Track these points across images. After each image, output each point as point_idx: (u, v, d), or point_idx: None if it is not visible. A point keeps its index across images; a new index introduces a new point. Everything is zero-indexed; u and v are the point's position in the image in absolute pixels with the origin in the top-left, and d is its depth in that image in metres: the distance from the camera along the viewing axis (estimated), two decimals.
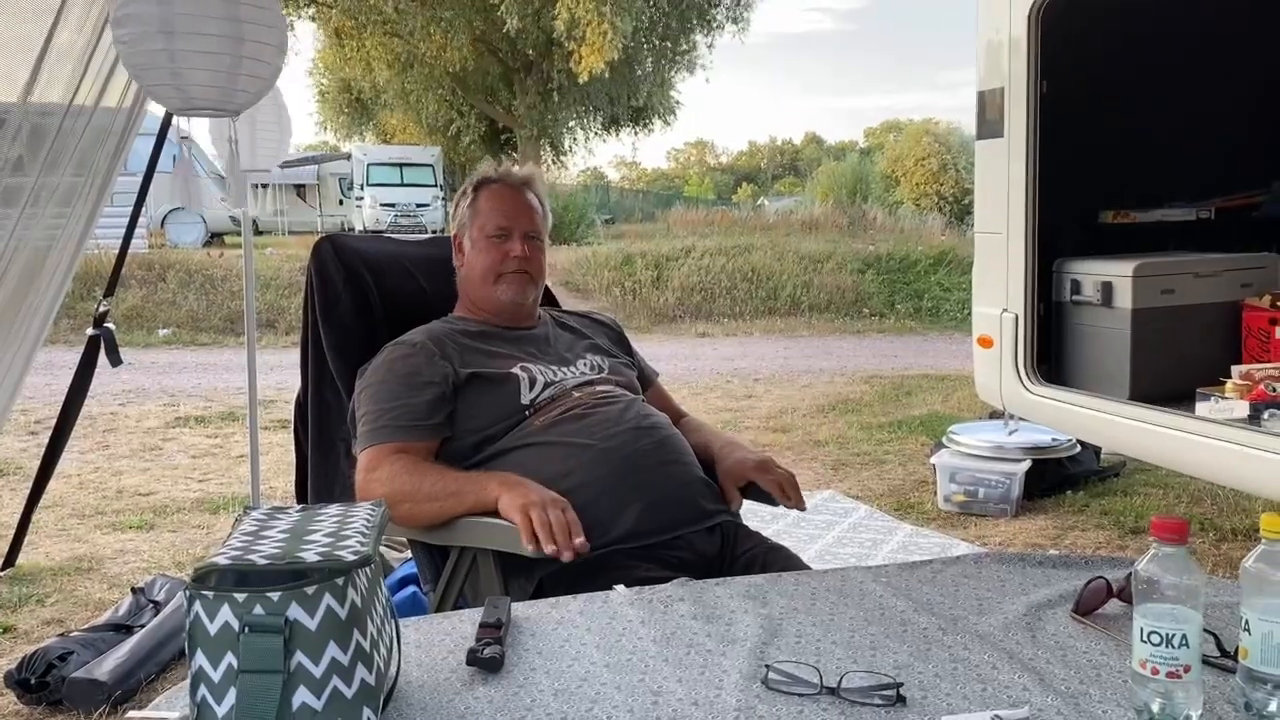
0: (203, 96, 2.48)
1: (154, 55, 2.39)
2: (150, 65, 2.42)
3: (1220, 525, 4.14)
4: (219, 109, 2.56)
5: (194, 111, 2.58)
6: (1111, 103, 3.65)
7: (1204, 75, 3.78)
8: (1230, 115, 3.85)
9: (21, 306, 2.93)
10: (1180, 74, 3.71)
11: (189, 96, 2.47)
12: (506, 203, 2.12)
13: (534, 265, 2.12)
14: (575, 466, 1.86)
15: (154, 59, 2.40)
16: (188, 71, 2.42)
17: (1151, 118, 3.69)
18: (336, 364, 2.13)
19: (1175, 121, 3.74)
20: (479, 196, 2.14)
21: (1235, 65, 3.82)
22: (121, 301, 11.16)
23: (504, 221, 2.10)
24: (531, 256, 2.11)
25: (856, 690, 1.12)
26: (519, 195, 2.14)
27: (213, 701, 0.97)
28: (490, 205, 2.12)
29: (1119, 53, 3.64)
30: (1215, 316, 3.55)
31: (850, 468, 5.42)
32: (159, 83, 2.45)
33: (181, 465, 5.60)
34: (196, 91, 2.45)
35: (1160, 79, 3.68)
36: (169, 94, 2.50)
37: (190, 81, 2.43)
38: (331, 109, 26.89)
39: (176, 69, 2.42)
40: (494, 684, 1.17)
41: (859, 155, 39.04)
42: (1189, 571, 1.07)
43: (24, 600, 3.48)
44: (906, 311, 13.23)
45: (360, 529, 1.10)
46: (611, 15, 16.60)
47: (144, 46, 2.39)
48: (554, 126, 22.77)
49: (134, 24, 2.39)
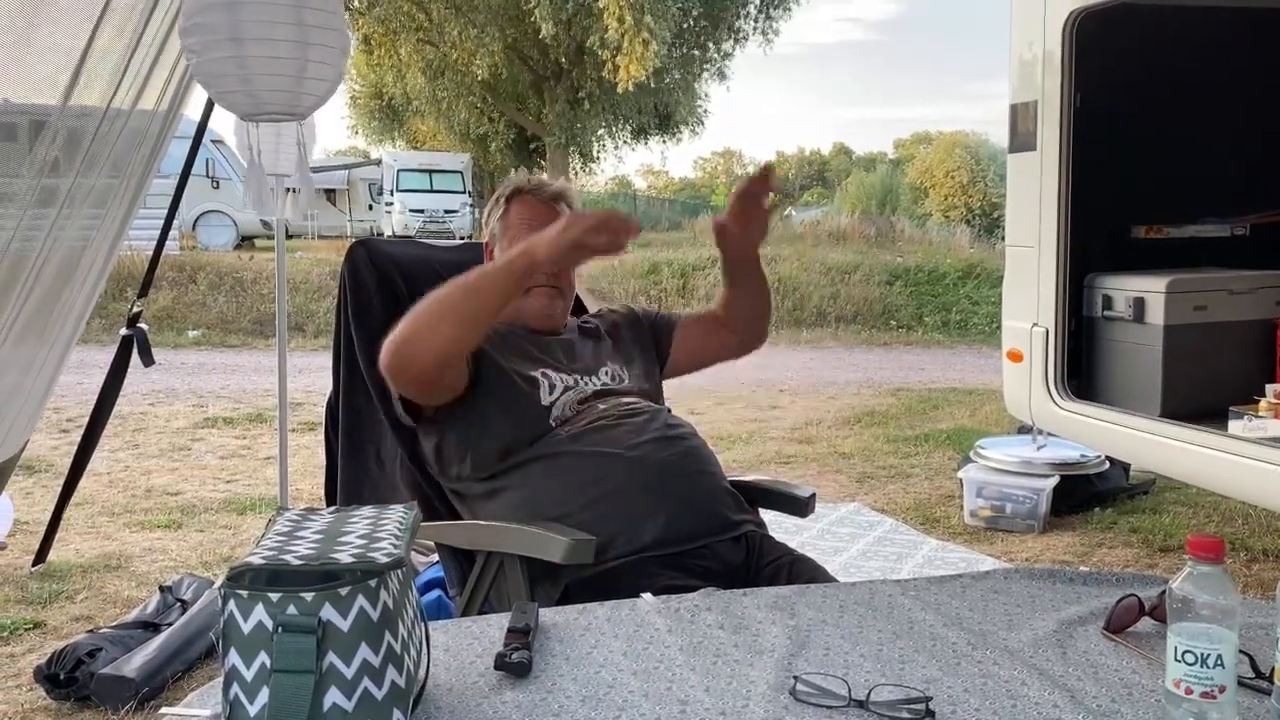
0: (272, 101, 2.50)
1: (223, 63, 2.42)
2: (220, 73, 2.45)
3: (1252, 545, 4.09)
4: (287, 113, 2.58)
5: (263, 116, 2.61)
6: (1145, 117, 3.63)
7: (1240, 89, 3.75)
8: (1266, 130, 3.81)
9: (56, 306, 2.96)
10: (1215, 88, 3.68)
11: (259, 102, 2.49)
12: (538, 216, 2.10)
13: (563, 280, 2.12)
14: (602, 475, 1.86)
15: (223, 66, 2.42)
16: (257, 77, 2.44)
17: (1186, 132, 3.66)
18: (368, 367, 2.14)
19: (1210, 136, 3.71)
20: (510, 209, 2.14)
21: (1272, 79, 3.78)
22: (152, 303, 11.26)
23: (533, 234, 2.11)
24: (560, 271, 2.10)
25: (885, 704, 1.12)
26: (550, 209, 2.12)
27: (245, 700, 0.98)
28: (521, 218, 2.12)
29: (1153, 66, 3.62)
30: (1249, 334, 3.52)
31: (876, 480, 5.39)
32: (229, 89, 2.48)
33: (209, 466, 5.65)
34: (266, 96, 2.48)
35: (1195, 93, 3.66)
36: (239, 100, 2.53)
37: (259, 87, 2.45)
38: (363, 114, 27.10)
39: (246, 75, 2.44)
40: (521, 689, 1.17)
41: (889, 166, 38.92)
42: (1225, 591, 1.06)
43: (54, 596, 3.52)
44: (934, 324, 13.16)
45: (393, 532, 1.11)
46: (653, 24, 16.60)
47: (213, 55, 2.42)
48: (583, 135, 22.82)
49: (203, 33, 2.42)
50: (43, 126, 2.66)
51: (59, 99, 2.60)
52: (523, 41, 20.21)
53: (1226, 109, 3.76)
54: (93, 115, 2.79)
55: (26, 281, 2.70)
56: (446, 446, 1.99)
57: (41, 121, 2.67)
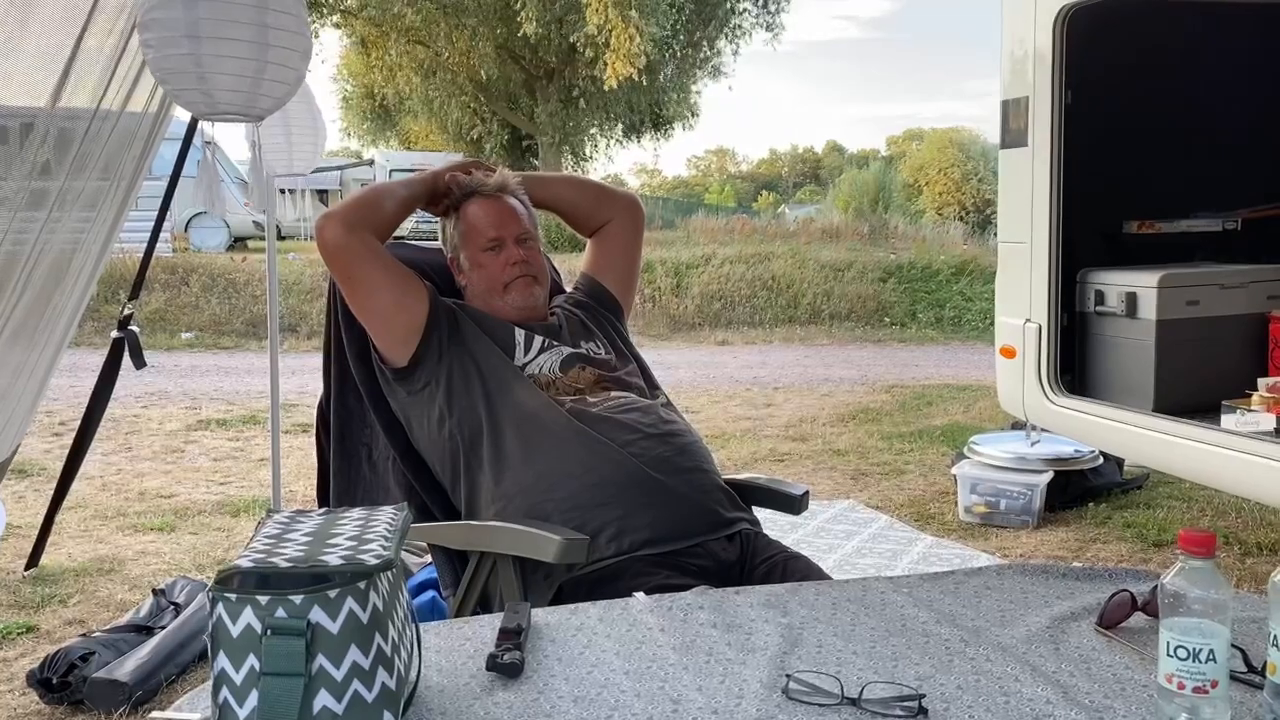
0: (228, 101, 2.49)
1: (180, 60, 2.40)
2: (176, 70, 2.43)
3: (1245, 540, 4.10)
4: (244, 114, 2.57)
5: (219, 116, 2.59)
6: (1136, 112, 3.63)
7: (1230, 84, 3.75)
8: (1258, 125, 3.82)
9: (47, 309, 2.95)
10: (1206, 83, 3.68)
11: (214, 101, 2.48)
12: (491, 213, 2.15)
13: (534, 266, 2.15)
14: (596, 466, 1.87)
15: (180, 63, 2.41)
16: (213, 76, 2.42)
17: (1177, 127, 3.67)
18: (359, 369, 2.13)
19: (1201, 131, 3.71)
20: (463, 216, 2.17)
21: (1263, 74, 3.79)
22: (144, 305, 11.23)
23: (494, 232, 2.13)
24: (529, 258, 2.14)
25: (878, 701, 1.12)
26: (500, 202, 2.17)
27: (234, 704, 0.98)
28: (477, 221, 2.15)
29: (1144, 62, 3.62)
30: (1241, 328, 3.52)
31: (870, 477, 5.39)
32: (184, 87, 2.46)
33: (203, 468, 5.63)
34: (222, 96, 2.46)
35: (1186, 88, 3.66)
36: (194, 98, 2.51)
37: (216, 86, 2.44)
38: (355, 115, 27.02)
39: (202, 73, 2.42)
40: (514, 690, 1.16)
41: (881, 163, 38.96)
42: (1217, 586, 1.06)
43: (47, 600, 3.51)
44: (928, 321, 13.17)
45: (383, 533, 1.11)
46: (639, 21, 16.58)
47: (170, 51, 2.40)
48: (575, 133, 22.80)
49: (160, 28, 2.40)
50: (32, 128, 2.66)
51: (48, 101, 2.59)
52: (514, 41, 20.18)
53: (1217, 104, 3.77)
54: (82, 117, 2.78)
55: (17, 284, 2.69)
56: (434, 410, 2.02)
57: (31, 123, 2.66)
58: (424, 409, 2.03)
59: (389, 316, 2.03)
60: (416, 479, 2.09)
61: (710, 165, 69.64)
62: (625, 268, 2.36)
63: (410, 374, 2.03)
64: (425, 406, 2.03)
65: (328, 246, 2.00)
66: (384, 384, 2.10)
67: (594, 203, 2.34)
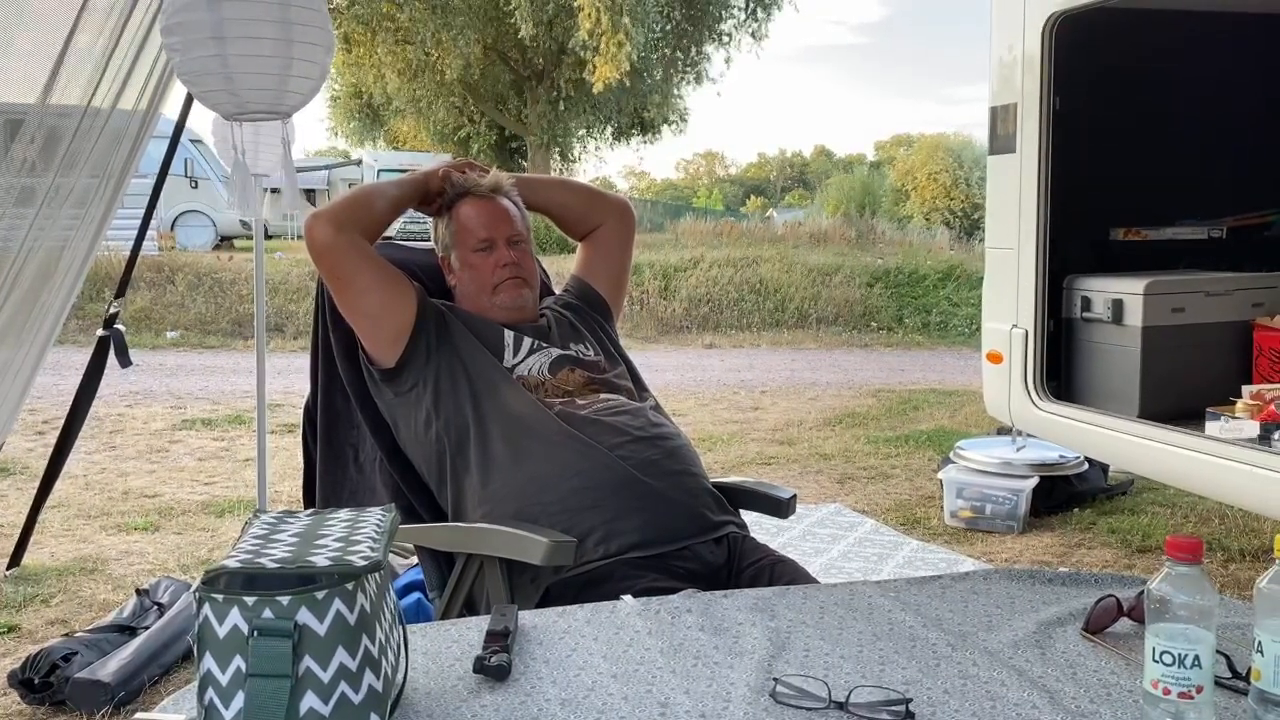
0: (256, 100, 2.48)
1: (206, 61, 2.39)
2: (203, 71, 2.42)
3: (1229, 546, 4.12)
4: (271, 112, 2.56)
5: (247, 116, 2.58)
6: (1124, 120, 3.65)
7: (1218, 93, 3.78)
8: (1244, 133, 3.84)
9: (34, 307, 2.94)
10: (1194, 91, 3.70)
11: (242, 101, 2.47)
12: (484, 214, 2.15)
13: (524, 269, 2.15)
14: (584, 469, 1.87)
15: (206, 65, 2.40)
16: (240, 76, 2.42)
17: (1164, 135, 3.69)
18: (346, 369, 2.13)
19: (1188, 139, 3.73)
20: (454, 215, 2.16)
21: (1250, 82, 3.81)
22: (130, 303, 11.17)
23: (485, 233, 2.13)
24: (520, 261, 2.14)
25: (865, 705, 1.12)
26: (492, 203, 2.16)
27: (220, 705, 0.97)
28: (469, 221, 2.15)
29: (1132, 69, 3.64)
30: (1225, 335, 3.54)
31: (856, 481, 5.40)
32: (212, 88, 2.46)
33: (188, 468, 5.60)
34: (249, 95, 2.45)
35: (1174, 96, 3.68)
36: (222, 99, 2.50)
37: (243, 86, 2.43)
38: (342, 115, 26.93)
39: (229, 74, 2.42)
40: (501, 692, 1.16)
41: (869, 168, 39.05)
42: (1203, 591, 1.06)
43: (29, 600, 3.49)
44: (914, 326, 13.20)
45: (370, 534, 1.10)
46: (629, 25, 16.59)
47: (196, 53, 2.40)
48: (564, 135, 22.80)
49: (185, 31, 2.39)
50: (20, 125, 2.64)
51: (38, 98, 2.58)
52: (502, 42, 20.16)
53: (1205, 112, 3.79)
54: (72, 114, 2.76)
55: (5, 282, 2.67)
56: (421, 412, 2.01)
57: (19, 120, 2.64)
58: (411, 410, 2.03)
59: (377, 317, 2.03)
60: (403, 480, 2.09)
61: (699, 169, 69.70)
62: (616, 271, 2.36)
63: (398, 375, 2.03)
64: (412, 408, 2.02)
65: (316, 246, 1.99)
66: (371, 385, 2.09)
67: (586, 206, 2.35)
